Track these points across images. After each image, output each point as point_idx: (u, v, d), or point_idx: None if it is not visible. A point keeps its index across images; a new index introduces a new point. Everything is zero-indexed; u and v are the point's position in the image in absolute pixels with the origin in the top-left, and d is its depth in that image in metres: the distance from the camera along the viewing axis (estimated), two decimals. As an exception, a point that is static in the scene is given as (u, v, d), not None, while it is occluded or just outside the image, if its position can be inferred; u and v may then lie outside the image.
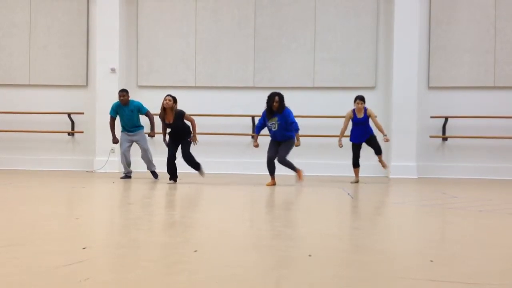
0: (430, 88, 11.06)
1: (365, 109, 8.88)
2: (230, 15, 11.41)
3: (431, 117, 10.90)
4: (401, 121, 10.62)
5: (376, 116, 9.04)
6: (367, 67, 11.16)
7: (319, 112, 10.85)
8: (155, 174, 9.08)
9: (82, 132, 11.49)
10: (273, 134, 8.12)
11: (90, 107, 11.31)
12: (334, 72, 11.19)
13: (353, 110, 8.94)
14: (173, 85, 11.40)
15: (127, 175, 9.09)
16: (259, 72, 11.32)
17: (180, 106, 8.40)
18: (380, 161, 9.14)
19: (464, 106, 10.91)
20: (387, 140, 8.95)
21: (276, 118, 7.98)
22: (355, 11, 11.18)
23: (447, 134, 10.93)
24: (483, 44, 10.92)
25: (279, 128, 7.98)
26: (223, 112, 11.22)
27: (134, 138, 9.09)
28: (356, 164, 9.09)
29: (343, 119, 9.09)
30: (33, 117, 11.61)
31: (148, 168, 9.13)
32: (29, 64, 11.71)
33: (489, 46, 10.90)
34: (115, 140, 9.06)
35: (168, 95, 8.21)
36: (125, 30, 11.47)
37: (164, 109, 8.11)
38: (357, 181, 9.04)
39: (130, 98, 9.17)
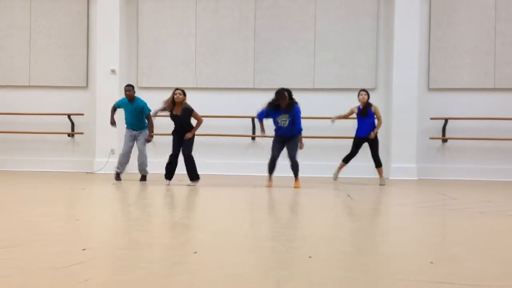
0: (430, 89, 11.05)
1: (370, 105, 8.80)
2: (230, 17, 11.41)
3: (431, 118, 10.89)
4: (401, 123, 10.61)
5: (380, 117, 8.88)
6: (367, 68, 11.16)
7: (319, 114, 10.83)
8: (144, 178, 8.94)
9: (82, 133, 11.48)
10: (280, 130, 8.06)
11: (90, 108, 11.30)
12: (334, 73, 11.18)
13: (358, 107, 8.91)
14: (174, 86, 11.33)
15: (117, 173, 8.96)
16: (259, 73, 11.32)
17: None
18: (380, 174, 8.89)
19: (464, 108, 10.90)
20: (372, 136, 8.69)
21: (287, 115, 7.96)
22: (355, 12, 11.18)
23: (447, 136, 10.92)
24: (483, 45, 10.92)
25: (289, 124, 7.97)
26: (223, 113, 11.21)
27: (137, 133, 9.03)
28: (347, 160, 8.97)
29: (343, 121, 9.06)
30: (33, 118, 11.60)
31: (140, 171, 8.98)
32: (29, 65, 11.71)
33: (489, 48, 10.90)
34: (112, 121, 9.01)
35: (177, 89, 8.26)
36: (125, 31, 11.46)
37: (173, 102, 8.15)
38: (336, 178, 9.01)
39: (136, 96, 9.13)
